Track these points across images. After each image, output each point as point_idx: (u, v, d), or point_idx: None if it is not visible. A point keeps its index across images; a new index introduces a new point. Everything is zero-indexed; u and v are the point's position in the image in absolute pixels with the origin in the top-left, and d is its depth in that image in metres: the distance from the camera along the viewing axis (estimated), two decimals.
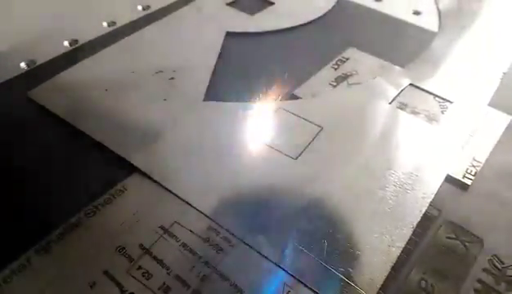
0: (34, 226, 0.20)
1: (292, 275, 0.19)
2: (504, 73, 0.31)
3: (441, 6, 0.38)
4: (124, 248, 0.19)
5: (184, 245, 0.20)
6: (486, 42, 0.34)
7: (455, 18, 0.37)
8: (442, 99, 0.28)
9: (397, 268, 0.20)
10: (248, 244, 0.20)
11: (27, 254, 0.19)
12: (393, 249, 0.20)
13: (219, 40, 0.32)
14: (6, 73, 0.29)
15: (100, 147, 0.24)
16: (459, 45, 0.34)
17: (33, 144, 0.24)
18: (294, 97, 0.28)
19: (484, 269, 0.20)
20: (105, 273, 0.18)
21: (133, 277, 0.18)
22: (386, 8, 0.38)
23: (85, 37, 0.32)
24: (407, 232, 0.21)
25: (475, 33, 0.35)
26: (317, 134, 0.25)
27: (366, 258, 0.20)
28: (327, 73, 0.30)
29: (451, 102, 0.28)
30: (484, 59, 0.32)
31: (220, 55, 0.31)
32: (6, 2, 0.37)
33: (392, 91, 0.28)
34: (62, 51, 0.31)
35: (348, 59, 0.31)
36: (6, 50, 0.31)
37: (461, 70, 0.31)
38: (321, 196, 0.22)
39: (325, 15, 0.37)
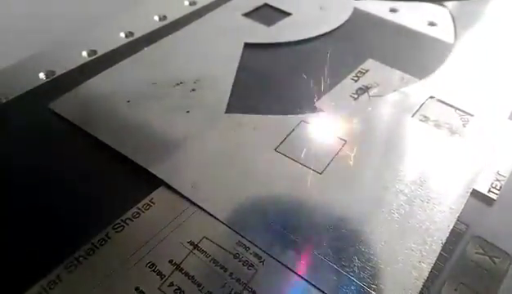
0: (62, 241, 0.20)
1: (325, 293, 0.19)
2: None
3: (456, 17, 0.38)
4: (154, 264, 0.19)
5: (214, 261, 0.19)
6: (503, 52, 0.34)
7: (471, 29, 0.37)
8: (463, 112, 0.28)
9: (428, 285, 0.19)
10: (278, 260, 0.20)
11: (56, 270, 0.19)
12: (424, 265, 0.20)
13: (238, 51, 0.32)
14: (25, 84, 0.29)
15: (124, 159, 0.24)
16: (476, 56, 0.34)
17: (57, 158, 0.24)
18: (316, 109, 0.28)
19: None
20: (137, 289, 0.18)
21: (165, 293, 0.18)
22: (401, 19, 0.38)
23: (103, 47, 0.32)
24: (437, 248, 0.21)
25: (492, 44, 0.35)
26: (341, 147, 0.25)
27: (397, 275, 0.19)
28: (347, 85, 0.30)
29: (471, 115, 0.28)
30: (503, 70, 0.32)
31: (239, 67, 0.31)
32: (20, 12, 0.37)
33: (413, 104, 0.28)
34: (81, 61, 0.31)
35: (367, 70, 0.31)
36: (25, 60, 0.31)
37: (480, 82, 0.31)
38: (348, 211, 0.22)
39: (341, 25, 0.37)
